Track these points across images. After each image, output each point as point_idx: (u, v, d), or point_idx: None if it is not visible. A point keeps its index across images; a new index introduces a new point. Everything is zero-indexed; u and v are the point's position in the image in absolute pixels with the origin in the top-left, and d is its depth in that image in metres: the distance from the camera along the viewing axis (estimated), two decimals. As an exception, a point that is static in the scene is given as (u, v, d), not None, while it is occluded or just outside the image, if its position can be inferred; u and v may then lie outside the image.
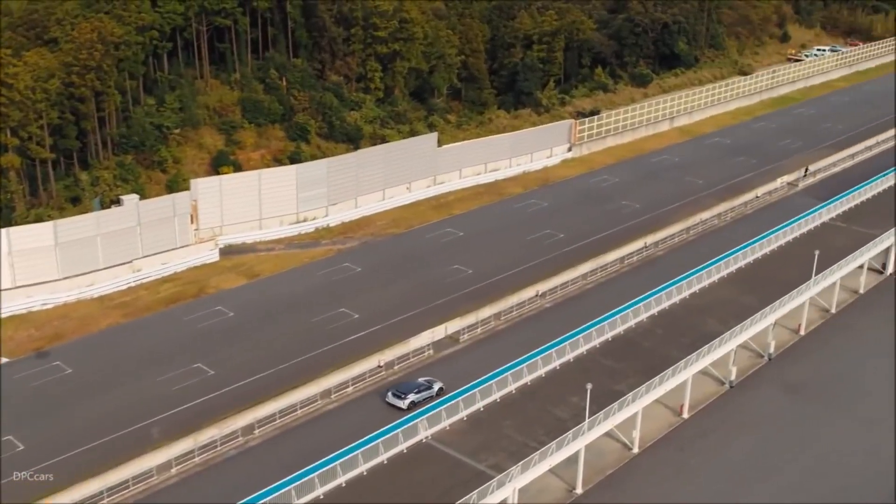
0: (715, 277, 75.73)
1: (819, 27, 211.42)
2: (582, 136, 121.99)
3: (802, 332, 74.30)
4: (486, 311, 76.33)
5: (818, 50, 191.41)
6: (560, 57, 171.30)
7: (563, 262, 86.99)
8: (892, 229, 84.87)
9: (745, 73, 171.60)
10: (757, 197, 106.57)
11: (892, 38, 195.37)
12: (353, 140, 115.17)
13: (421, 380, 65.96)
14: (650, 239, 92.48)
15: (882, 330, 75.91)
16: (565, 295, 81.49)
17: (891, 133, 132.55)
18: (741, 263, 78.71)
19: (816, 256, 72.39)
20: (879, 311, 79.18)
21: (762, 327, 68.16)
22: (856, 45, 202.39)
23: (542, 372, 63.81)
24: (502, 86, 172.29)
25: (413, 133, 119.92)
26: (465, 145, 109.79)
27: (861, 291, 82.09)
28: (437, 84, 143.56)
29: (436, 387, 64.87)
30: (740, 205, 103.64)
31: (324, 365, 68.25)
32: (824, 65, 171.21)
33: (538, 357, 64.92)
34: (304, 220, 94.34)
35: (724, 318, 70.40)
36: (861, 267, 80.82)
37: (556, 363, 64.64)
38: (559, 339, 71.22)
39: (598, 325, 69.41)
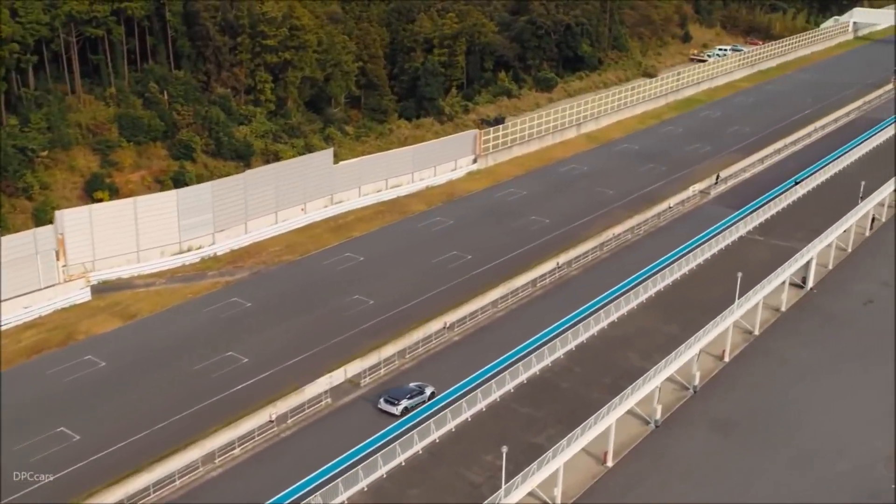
0: (633, 303, 70.65)
1: (719, 26, 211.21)
2: (487, 146, 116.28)
3: (727, 359, 69.76)
4: (390, 349, 69.62)
5: (720, 49, 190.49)
6: (462, 61, 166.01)
7: (472, 288, 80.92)
8: (812, 243, 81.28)
9: (649, 75, 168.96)
10: (670, 207, 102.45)
11: (792, 36, 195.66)
12: (243, 157, 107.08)
13: (412, 385, 64.02)
14: (562, 258, 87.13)
15: (806, 352, 71.98)
16: (475, 325, 75.36)
17: (797, 136, 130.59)
18: (660, 286, 73.87)
19: (739, 279, 67.86)
20: (803, 332, 75.33)
21: (687, 359, 63.17)
22: (756, 43, 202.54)
23: (452, 426, 57.31)
24: (404, 91, 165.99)
25: (308, 147, 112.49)
26: (364, 161, 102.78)
27: (783, 309, 78.21)
28: (335, 93, 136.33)
29: (428, 391, 63.32)
30: (653, 217, 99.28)
31: (207, 421, 60.60)
32: (727, 65, 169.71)
33: (447, 409, 57.98)
34: (189, 250, 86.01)
35: (647, 350, 65.22)
36: (782, 283, 76.83)
37: (467, 414, 58.21)
38: (470, 377, 65.34)
39: (512, 367, 62.98)
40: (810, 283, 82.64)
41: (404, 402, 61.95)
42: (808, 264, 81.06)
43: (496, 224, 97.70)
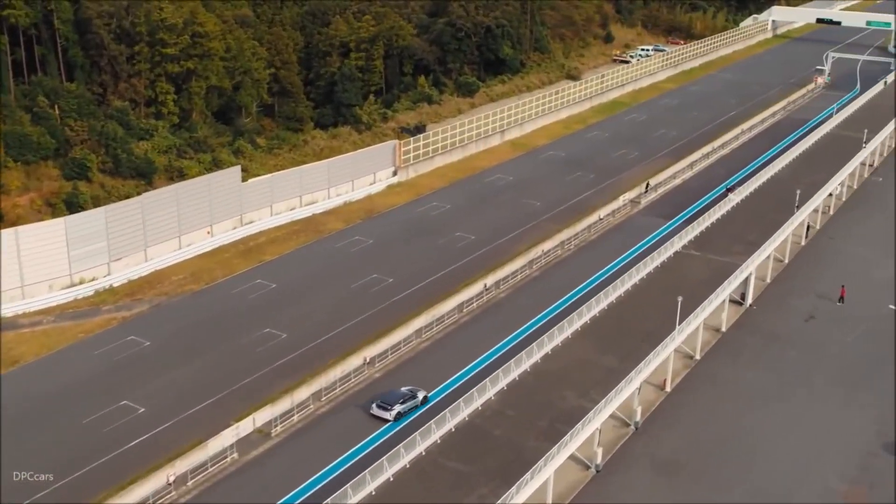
0: (568, 332, 65.43)
1: (641, 26, 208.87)
2: (408, 157, 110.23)
3: (668, 389, 65.02)
4: (304, 392, 63.14)
5: (642, 49, 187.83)
6: (380, 65, 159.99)
7: (394, 316, 74.92)
8: (750, 258, 77.25)
9: (573, 77, 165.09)
10: (600, 219, 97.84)
11: (713, 36, 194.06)
12: (144, 175, 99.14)
13: (404, 389, 62.74)
14: (490, 279, 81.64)
15: (751, 377, 67.73)
16: (398, 359, 69.34)
17: (724, 139, 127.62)
18: (595, 311, 68.83)
19: (679, 304, 63.18)
20: (746, 354, 71.14)
21: (627, 395, 58.14)
22: (677, 43, 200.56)
23: (372, 489, 51.02)
24: (321, 97, 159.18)
25: (216, 162, 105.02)
26: (276, 177, 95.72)
27: (723, 329, 73.96)
28: (245, 102, 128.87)
29: (420, 395, 62.35)
30: (583, 230, 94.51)
31: (94, 488, 53.40)
32: (651, 66, 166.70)
33: (366, 471, 51.48)
34: (81, 283, 78.05)
35: (584, 386, 59.99)
36: (722, 302, 72.56)
37: (388, 473, 51.98)
38: (392, 424, 59.44)
39: (438, 414, 56.87)
40: (749, 300, 78.66)
41: (397, 407, 60.61)
42: (746, 280, 77.00)
43: (419, 242, 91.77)
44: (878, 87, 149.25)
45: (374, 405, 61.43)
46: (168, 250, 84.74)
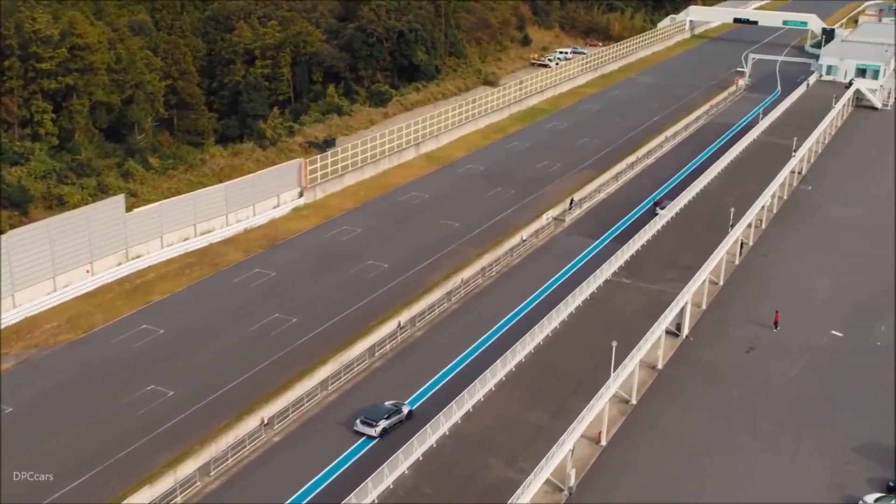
0: (491, 384, 58.26)
1: (558, 28, 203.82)
2: (315, 176, 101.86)
3: (604, 442, 58.37)
4: (190, 466, 54.75)
5: (561, 52, 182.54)
6: (287, 73, 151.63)
7: (298, 364, 66.90)
8: (686, 287, 71.22)
9: (490, 83, 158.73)
10: (523, 240, 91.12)
11: (632, 37, 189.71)
12: (18, 205, 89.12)
13: (388, 403, 60.83)
14: (405, 315, 74.10)
15: (693, 423, 61.60)
16: (300, 417, 61.36)
17: (648, 147, 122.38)
18: (520, 356, 61.80)
19: (614, 349, 56.52)
20: (686, 395, 65.06)
21: (561, 457, 51.21)
22: (596, 45, 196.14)
23: None
24: (225, 108, 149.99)
25: (102, 187, 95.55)
26: (166, 205, 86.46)
27: (660, 366, 67.76)
28: (138, 118, 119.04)
29: (405, 410, 60.53)
30: (505, 254, 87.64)
31: None
32: (571, 70, 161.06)
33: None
34: (-66, 337, 68.12)
35: (511, 451, 52.76)
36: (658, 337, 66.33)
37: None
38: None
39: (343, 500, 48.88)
40: (686, 330, 72.69)
41: (382, 423, 58.70)
42: (682, 309, 70.95)
43: (327, 273, 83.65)
44: (801, 89, 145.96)
45: (357, 421, 59.17)
46: (41, 293, 75.04)
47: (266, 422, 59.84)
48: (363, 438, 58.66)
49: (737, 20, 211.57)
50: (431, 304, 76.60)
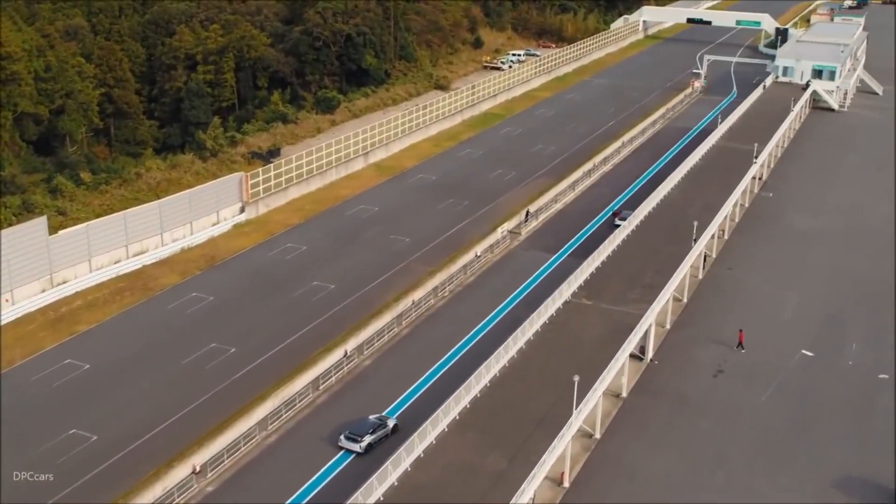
0: (444, 424, 53.48)
1: (511, 30, 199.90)
2: (257, 190, 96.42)
3: (567, 484, 53.99)
4: (112, 525, 49.43)
5: (513, 55, 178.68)
6: (231, 79, 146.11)
7: (235, 401, 61.72)
8: (650, 308, 67.15)
9: (442, 88, 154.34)
10: (477, 256, 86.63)
11: (585, 39, 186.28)
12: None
13: (372, 418, 58.98)
14: (352, 343, 69.18)
15: (661, 460, 57.44)
16: (235, 465, 56.18)
17: (605, 153, 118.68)
18: (475, 392, 57.14)
19: (576, 384, 52.16)
20: (652, 427, 60.91)
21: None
22: (549, 46, 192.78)
23: None
24: (167, 116, 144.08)
25: (27, 206, 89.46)
26: (94, 226, 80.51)
27: (624, 395, 63.59)
28: (69, 129, 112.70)
29: (391, 423, 58.55)
30: (459, 271, 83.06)
31: None
32: (524, 73, 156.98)
33: None
34: None
35: (466, 501, 48.09)
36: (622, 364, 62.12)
37: None
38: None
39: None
40: (650, 353, 68.66)
41: (367, 439, 56.80)
42: (646, 331, 66.89)
43: (269, 296, 78.39)
44: (757, 91, 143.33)
45: (342, 437, 57.15)
46: (-46, 327, 68.94)
47: (198, 470, 54.59)
48: (306, 485, 53.64)
49: (690, 20, 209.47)
50: (380, 329, 71.75)
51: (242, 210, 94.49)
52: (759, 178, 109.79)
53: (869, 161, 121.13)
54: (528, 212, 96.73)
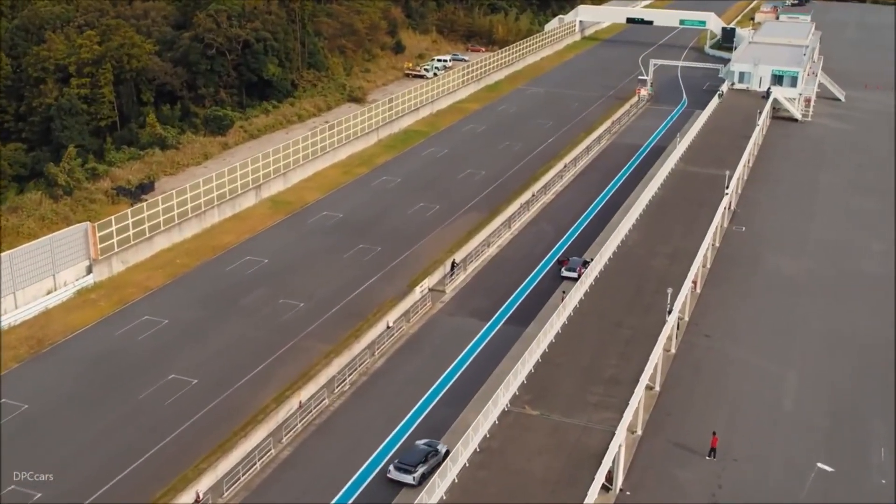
0: None
1: (435, 32, 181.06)
2: (111, 243, 75.95)
3: None
4: None
5: (439, 60, 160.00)
6: (109, 93, 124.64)
7: None
8: (618, 426, 48.79)
9: (357, 100, 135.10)
10: (389, 327, 67.63)
11: (518, 42, 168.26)
12: None
13: (421, 444, 51.37)
14: (207, 480, 49.61)
15: None
16: None
17: (546, 179, 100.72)
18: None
19: None
20: None
21: None
22: (478, 50, 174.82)
23: None
24: (36, 137, 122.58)
25: None
26: None
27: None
28: None
29: (442, 449, 50.32)
30: (364, 351, 63.94)
31: None
32: (451, 82, 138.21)
33: None
34: None
35: None
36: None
37: None
38: None
39: None
40: (619, 481, 50.24)
41: (421, 469, 49.49)
42: (616, 458, 48.47)
43: (106, 399, 58.28)
44: (714, 101, 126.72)
45: (391, 468, 50.53)
46: None
47: None
48: None
49: (630, 20, 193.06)
50: (250, 452, 52.24)
51: (90, 270, 73.94)
52: (727, 208, 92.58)
53: (846, 183, 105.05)
54: (454, 262, 77.95)
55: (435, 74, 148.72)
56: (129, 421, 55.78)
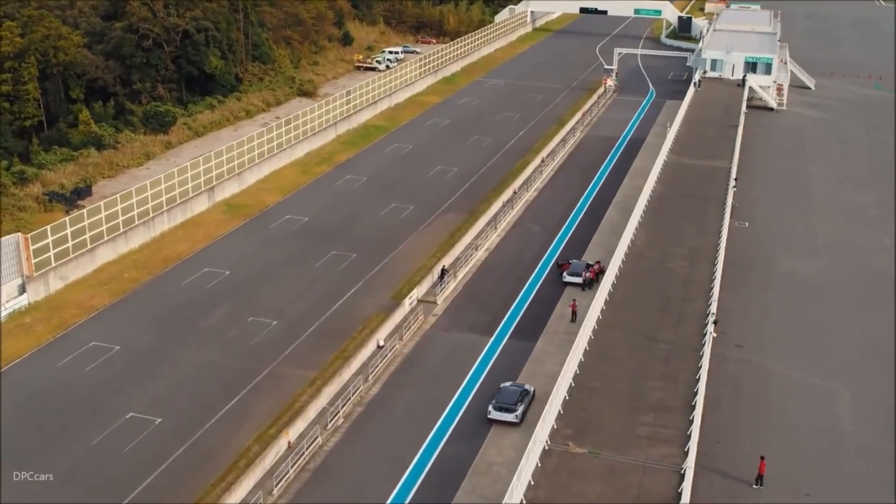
0: None
1: (383, 23, 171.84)
2: (46, 256, 65.46)
3: None
4: None
5: (390, 52, 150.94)
6: (34, 90, 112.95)
7: None
8: (685, 462, 40.84)
9: (307, 94, 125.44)
10: (379, 347, 58.71)
11: (471, 33, 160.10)
12: None
13: (510, 385, 51.48)
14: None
15: None
16: None
17: (525, 175, 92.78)
18: None
19: None
20: None
21: None
22: (429, 42, 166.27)
23: None
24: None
25: None
26: None
27: None
28: None
29: (531, 389, 51.23)
30: (353, 379, 54.82)
31: None
32: (407, 74, 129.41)
33: None
34: None
35: None
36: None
37: None
38: None
39: None
40: (681, 528, 42.24)
41: (521, 408, 49.10)
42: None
43: (57, 444, 48.27)
44: (690, 91, 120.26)
45: (490, 408, 49.42)
46: None
47: None
48: None
49: (584, 10, 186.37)
50: (235, 510, 42.94)
51: (23, 290, 63.37)
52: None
53: (838, 175, 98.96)
54: (443, 269, 69.26)
55: (387, 67, 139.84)
56: (82, 474, 45.93)
